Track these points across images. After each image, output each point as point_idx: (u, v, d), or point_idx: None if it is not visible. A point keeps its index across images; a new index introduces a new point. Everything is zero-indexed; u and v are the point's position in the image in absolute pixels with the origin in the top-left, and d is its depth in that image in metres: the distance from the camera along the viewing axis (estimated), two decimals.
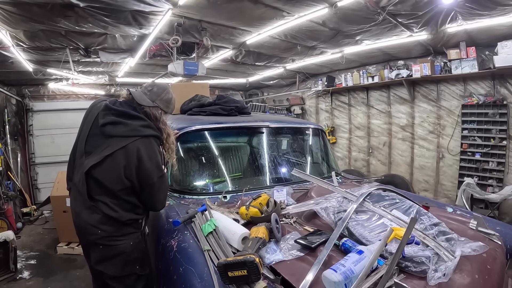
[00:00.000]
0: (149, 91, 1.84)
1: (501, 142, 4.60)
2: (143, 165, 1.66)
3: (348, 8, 3.52)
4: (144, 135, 1.70)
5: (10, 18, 3.33)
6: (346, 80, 6.48)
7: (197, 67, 4.43)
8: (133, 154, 1.64)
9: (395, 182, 5.20)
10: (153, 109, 1.81)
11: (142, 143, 1.68)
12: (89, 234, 1.68)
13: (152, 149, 1.72)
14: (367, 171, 6.75)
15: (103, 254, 1.70)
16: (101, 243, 1.68)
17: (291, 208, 1.90)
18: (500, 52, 4.12)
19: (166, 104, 1.87)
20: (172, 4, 3.35)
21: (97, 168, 1.66)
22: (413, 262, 1.30)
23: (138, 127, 1.69)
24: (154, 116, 1.81)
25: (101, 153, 1.65)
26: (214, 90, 8.52)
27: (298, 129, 3.12)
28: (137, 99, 1.80)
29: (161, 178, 1.75)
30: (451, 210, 2.11)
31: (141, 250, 1.80)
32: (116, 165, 1.65)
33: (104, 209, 1.65)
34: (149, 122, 1.76)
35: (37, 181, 6.86)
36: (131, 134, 1.67)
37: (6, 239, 3.39)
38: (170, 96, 1.89)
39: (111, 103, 1.76)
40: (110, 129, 1.68)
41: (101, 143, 1.68)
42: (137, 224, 1.79)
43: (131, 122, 1.69)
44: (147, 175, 1.69)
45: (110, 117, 1.70)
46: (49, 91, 6.98)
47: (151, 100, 1.81)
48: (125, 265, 1.71)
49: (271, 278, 1.32)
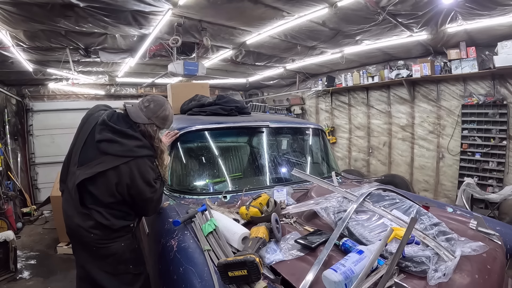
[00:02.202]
0: (145, 107, 1.80)
1: (501, 142, 4.60)
2: (136, 184, 1.69)
3: (348, 8, 3.52)
4: (138, 156, 1.70)
5: (10, 18, 3.33)
6: (346, 80, 6.48)
7: (197, 67, 4.43)
8: (126, 175, 1.66)
9: (395, 182, 5.20)
10: (148, 126, 1.79)
11: (136, 164, 1.69)
12: (82, 237, 1.71)
13: (145, 169, 1.73)
14: (367, 171, 6.75)
15: (96, 255, 1.73)
16: (93, 245, 1.71)
17: (291, 208, 1.90)
18: (500, 52, 4.12)
19: (162, 121, 1.85)
20: (172, 4, 3.35)
21: (89, 182, 1.68)
22: (413, 262, 1.29)
23: (134, 147, 1.69)
24: (149, 134, 1.79)
25: (93, 168, 1.65)
26: (214, 90, 8.52)
27: (298, 129, 3.12)
28: (132, 117, 1.77)
29: (154, 193, 1.78)
30: (451, 210, 2.11)
31: (133, 250, 1.83)
32: (108, 182, 1.67)
33: (97, 217, 1.67)
34: (144, 142, 1.76)
35: (37, 181, 6.87)
36: (125, 154, 1.67)
37: (6, 239, 3.39)
38: (167, 113, 1.85)
39: (108, 118, 1.74)
40: (105, 146, 1.68)
41: (95, 157, 1.68)
42: (128, 228, 1.82)
43: (127, 142, 1.69)
44: (139, 193, 1.72)
45: (107, 134, 1.68)
46: (49, 91, 6.99)
47: (147, 117, 1.78)
48: (119, 264, 1.76)
49: (271, 278, 1.32)
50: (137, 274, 1.82)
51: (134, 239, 1.87)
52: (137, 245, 1.87)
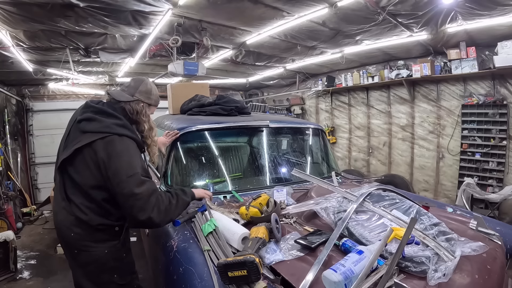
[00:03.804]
0: (126, 87, 1.82)
1: (501, 142, 4.60)
2: (112, 161, 1.54)
3: (348, 8, 3.52)
4: (116, 133, 1.61)
5: (10, 18, 3.33)
6: (346, 80, 6.48)
7: (197, 67, 4.43)
8: (101, 149, 1.56)
9: (395, 182, 5.20)
10: (134, 104, 1.77)
11: (112, 140, 1.59)
12: (64, 236, 1.64)
13: (124, 147, 1.59)
14: (367, 171, 6.75)
15: (78, 259, 1.64)
16: (75, 247, 1.62)
17: (291, 208, 1.90)
18: (500, 52, 4.12)
19: (147, 95, 1.82)
20: (172, 4, 3.35)
21: (69, 163, 1.63)
22: (413, 262, 1.29)
23: (112, 124, 1.63)
24: (136, 111, 1.77)
25: (72, 148, 1.61)
26: (214, 90, 8.52)
27: (298, 129, 3.12)
28: (115, 96, 1.77)
29: (132, 178, 1.51)
30: (451, 210, 2.11)
31: (119, 259, 1.68)
32: (85, 160, 1.59)
33: (76, 211, 1.59)
34: (124, 122, 1.69)
35: (37, 181, 6.87)
36: (103, 130, 1.60)
37: (6, 239, 3.40)
38: (149, 86, 1.84)
39: (92, 102, 1.75)
40: (84, 124, 1.65)
41: (75, 138, 1.65)
42: (112, 231, 1.66)
43: (105, 119, 1.64)
44: (115, 172, 1.53)
45: (87, 114, 1.66)
46: (49, 91, 6.98)
47: (130, 95, 1.78)
48: (102, 273, 1.64)
49: (271, 278, 1.32)
50: (123, 285, 1.69)
51: (122, 247, 1.70)
52: (124, 254, 1.72)
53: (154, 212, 1.52)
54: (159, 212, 1.55)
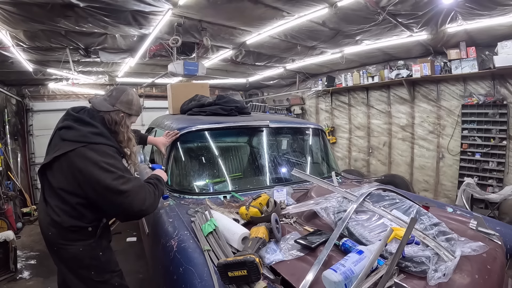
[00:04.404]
0: (108, 96, 1.84)
1: (501, 142, 4.60)
2: (90, 171, 1.59)
3: (348, 8, 3.52)
4: (92, 142, 1.66)
5: (10, 18, 3.33)
6: (346, 80, 6.48)
7: (197, 67, 4.43)
8: (77, 160, 1.61)
9: (395, 182, 5.20)
10: (114, 114, 1.80)
11: (88, 149, 1.63)
12: (44, 234, 1.74)
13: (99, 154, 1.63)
14: (367, 171, 6.76)
15: (58, 255, 1.73)
16: (54, 245, 1.71)
17: (291, 208, 1.90)
18: (500, 52, 4.12)
19: (128, 106, 1.84)
20: (172, 4, 3.35)
21: (48, 168, 1.71)
22: (413, 262, 1.29)
23: (88, 133, 1.67)
24: (114, 121, 1.79)
25: (51, 155, 1.69)
26: (214, 90, 8.53)
27: (298, 129, 3.12)
28: (96, 106, 1.81)
29: (118, 180, 1.59)
30: (451, 210, 2.11)
31: (95, 258, 1.73)
32: (61, 167, 1.66)
33: (51, 212, 1.68)
34: (101, 130, 1.72)
35: (37, 181, 6.84)
36: (78, 139, 1.65)
37: (6, 239, 3.40)
38: (130, 97, 1.86)
39: (72, 109, 1.79)
40: (63, 132, 1.71)
41: (56, 145, 1.72)
42: (85, 232, 1.71)
43: (82, 128, 1.68)
44: (97, 181, 1.58)
45: (67, 122, 1.73)
46: (49, 91, 6.99)
47: (111, 105, 1.80)
48: (79, 269, 1.72)
49: (271, 278, 1.32)
50: (100, 282, 1.75)
51: (98, 246, 1.75)
52: (101, 253, 1.76)
53: (145, 204, 1.66)
54: (150, 203, 1.70)
